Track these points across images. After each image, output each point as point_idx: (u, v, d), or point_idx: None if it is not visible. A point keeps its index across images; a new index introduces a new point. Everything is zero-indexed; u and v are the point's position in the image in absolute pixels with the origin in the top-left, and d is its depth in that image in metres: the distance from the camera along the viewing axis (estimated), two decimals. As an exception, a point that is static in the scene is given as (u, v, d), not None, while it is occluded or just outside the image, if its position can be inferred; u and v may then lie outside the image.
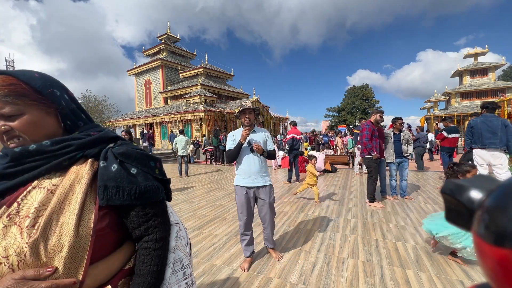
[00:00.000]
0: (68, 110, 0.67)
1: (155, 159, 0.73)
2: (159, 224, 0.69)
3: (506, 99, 16.39)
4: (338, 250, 2.66)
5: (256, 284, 2.08)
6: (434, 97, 24.26)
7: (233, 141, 2.33)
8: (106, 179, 0.61)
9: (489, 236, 0.24)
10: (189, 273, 0.78)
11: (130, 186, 0.63)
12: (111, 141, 0.71)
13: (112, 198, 0.61)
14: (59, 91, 0.66)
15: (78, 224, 0.56)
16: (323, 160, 8.03)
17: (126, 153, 0.66)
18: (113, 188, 0.61)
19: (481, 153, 3.95)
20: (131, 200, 0.63)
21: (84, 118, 0.72)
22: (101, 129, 0.72)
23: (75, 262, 0.55)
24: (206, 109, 16.67)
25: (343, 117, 44.22)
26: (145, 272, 0.64)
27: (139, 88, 25.64)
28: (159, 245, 0.67)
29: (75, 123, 0.69)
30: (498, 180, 0.30)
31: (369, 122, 4.31)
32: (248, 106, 2.27)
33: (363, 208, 4.10)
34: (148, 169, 0.69)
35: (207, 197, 5.18)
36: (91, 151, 0.65)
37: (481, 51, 22.26)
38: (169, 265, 0.71)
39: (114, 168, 0.63)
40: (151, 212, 0.67)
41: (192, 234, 3.20)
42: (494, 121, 3.83)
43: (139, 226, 0.66)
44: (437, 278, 2.09)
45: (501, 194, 0.26)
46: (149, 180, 0.68)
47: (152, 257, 0.66)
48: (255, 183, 2.28)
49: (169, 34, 24.91)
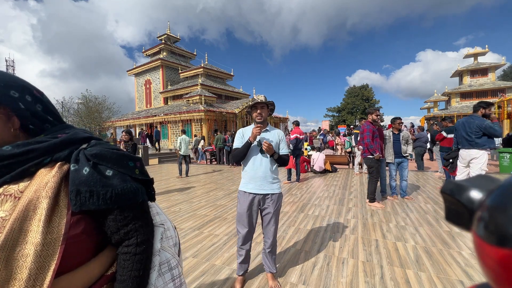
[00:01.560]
0: (28, 113, 0.61)
1: (134, 159, 0.69)
2: (140, 227, 0.65)
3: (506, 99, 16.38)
4: (338, 250, 2.66)
5: (256, 284, 2.08)
6: (434, 97, 24.27)
7: (241, 139, 2.02)
8: (78, 183, 0.58)
9: (489, 236, 0.24)
10: (177, 274, 0.76)
11: (105, 190, 0.59)
12: (83, 142, 0.66)
13: (86, 203, 0.57)
14: (18, 93, 0.60)
15: (45, 232, 0.52)
16: (323, 160, 8.03)
17: (99, 154, 0.62)
18: (86, 193, 0.57)
19: (460, 152, 4.13)
20: (107, 204, 0.59)
21: (52, 120, 0.67)
22: (70, 130, 0.67)
23: (42, 272, 0.51)
24: (206, 109, 16.68)
25: (343, 117, 44.23)
26: (126, 277, 0.62)
27: (139, 88, 25.64)
28: (140, 249, 0.64)
29: (40, 126, 0.64)
30: (498, 180, 0.30)
31: (369, 122, 4.31)
32: (260, 99, 1.96)
33: (363, 208, 4.10)
34: (126, 170, 0.65)
35: (207, 197, 5.18)
36: (60, 155, 0.61)
37: (481, 51, 22.27)
38: (154, 268, 0.69)
39: (86, 171, 0.59)
40: (131, 215, 0.64)
41: (192, 234, 3.20)
42: (471, 122, 3.96)
43: (117, 230, 0.63)
44: (437, 278, 2.09)
45: (501, 194, 0.26)
46: (127, 181, 0.64)
47: (133, 262, 0.63)
48: (260, 190, 1.95)
49: (169, 34, 24.91)
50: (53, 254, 0.53)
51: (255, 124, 2.01)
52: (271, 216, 1.99)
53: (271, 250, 2.04)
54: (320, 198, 4.81)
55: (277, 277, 2.15)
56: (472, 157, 3.91)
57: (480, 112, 3.95)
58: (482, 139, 3.84)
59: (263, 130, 2.00)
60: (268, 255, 2.05)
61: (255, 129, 1.90)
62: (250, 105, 2.01)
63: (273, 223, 2.00)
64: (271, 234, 2.01)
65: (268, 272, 2.08)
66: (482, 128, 3.81)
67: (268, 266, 2.06)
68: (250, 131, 2.00)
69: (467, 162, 4.02)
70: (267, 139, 1.98)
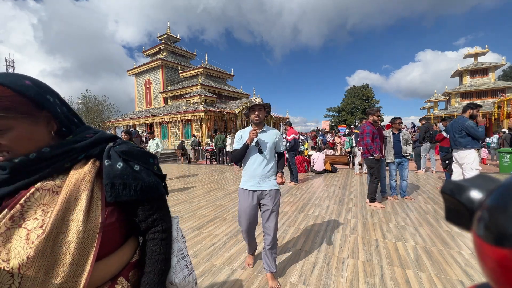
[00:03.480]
0: (62, 116, 0.66)
1: (153, 156, 0.76)
2: (163, 216, 0.74)
3: (506, 99, 16.38)
4: (338, 250, 2.66)
5: (256, 284, 2.08)
6: (434, 97, 24.26)
7: (240, 140, 2.15)
8: (112, 176, 0.64)
9: (489, 236, 0.24)
10: (189, 261, 0.83)
11: (136, 182, 0.66)
12: (109, 141, 0.72)
13: (120, 194, 0.64)
14: (52, 97, 0.64)
15: (86, 220, 0.58)
16: (323, 160, 8.03)
17: (128, 151, 0.69)
18: (120, 185, 0.64)
19: (453, 153, 4.17)
20: (137, 195, 0.66)
21: (76, 122, 0.71)
22: (95, 130, 0.73)
23: (83, 257, 0.57)
24: (206, 109, 16.68)
25: (343, 117, 44.23)
26: (155, 260, 0.70)
27: (139, 88, 25.65)
28: (165, 235, 0.72)
29: (69, 128, 0.68)
30: (498, 180, 0.30)
31: (369, 123, 4.30)
32: (258, 102, 2.07)
33: (363, 208, 4.10)
34: (148, 165, 0.72)
35: (207, 197, 5.17)
36: (92, 151, 0.67)
37: (481, 51, 22.27)
38: (174, 254, 0.77)
39: (120, 166, 0.65)
40: (156, 205, 0.72)
41: (192, 234, 3.20)
42: (456, 122, 4.02)
43: (145, 219, 0.70)
44: (437, 278, 2.09)
45: (501, 194, 0.26)
46: (151, 176, 0.71)
47: (160, 246, 0.71)
48: (260, 187, 2.07)
49: (169, 34, 24.92)
50: (92, 241, 0.58)
51: (252, 125, 2.14)
52: (270, 212, 2.06)
53: (271, 247, 2.05)
54: (320, 198, 4.81)
55: (277, 277, 2.15)
56: (461, 157, 3.96)
57: (468, 112, 4.00)
58: (466, 139, 3.90)
59: (260, 131, 2.11)
60: (268, 253, 2.06)
61: (252, 132, 2.01)
62: (248, 107, 2.11)
63: (273, 219, 2.06)
64: (271, 230, 2.05)
65: (268, 272, 2.06)
66: (464, 128, 3.87)
67: (268, 265, 2.05)
68: (248, 133, 2.10)
69: (458, 163, 4.06)
70: (264, 140, 2.10)
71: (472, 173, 3.87)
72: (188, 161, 13.01)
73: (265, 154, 2.08)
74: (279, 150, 2.21)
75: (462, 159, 3.95)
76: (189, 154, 13.20)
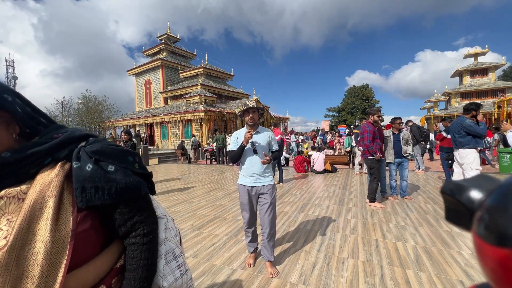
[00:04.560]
0: (25, 116, 0.61)
1: (133, 154, 0.70)
2: (145, 219, 0.68)
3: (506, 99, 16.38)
4: (338, 250, 2.66)
5: (256, 284, 2.08)
6: (434, 97, 24.26)
7: (236, 141, 2.29)
8: (82, 180, 0.59)
9: (489, 236, 0.24)
10: (182, 262, 0.80)
11: (110, 185, 0.61)
12: (81, 140, 0.66)
13: (92, 199, 0.59)
14: (11, 96, 0.59)
15: (54, 229, 0.54)
16: (323, 160, 8.03)
17: (100, 150, 0.63)
18: (92, 189, 0.59)
19: (454, 153, 4.18)
20: (113, 198, 0.61)
21: (44, 122, 0.66)
22: (65, 130, 0.68)
23: (54, 268, 0.53)
24: (206, 109, 16.68)
25: (343, 117, 44.23)
26: (136, 266, 0.65)
27: (139, 88, 25.65)
28: (147, 239, 0.67)
29: (35, 129, 0.63)
30: (498, 180, 0.30)
31: (369, 123, 4.30)
32: (252, 105, 2.20)
33: (363, 208, 4.10)
34: (126, 164, 0.67)
35: (207, 197, 5.17)
36: (60, 154, 0.61)
37: (481, 51, 22.27)
38: (161, 257, 0.73)
39: (89, 168, 0.60)
40: (135, 207, 0.67)
41: (192, 234, 3.20)
42: (457, 122, 4.02)
43: (124, 223, 0.65)
44: (437, 278, 2.09)
45: (501, 194, 0.26)
46: (129, 176, 0.66)
47: (141, 251, 0.66)
48: (257, 183, 2.24)
49: (169, 34, 24.92)
50: (63, 250, 0.54)
51: (247, 127, 2.28)
52: (269, 205, 2.22)
53: (269, 239, 2.25)
54: (320, 198, 4.81)
55: (275, 265, 2.33)
56: (461, 156, 3.96)
57: (471, 113, 3.99)
58: (466, 138, 3.89)
59: (254, 132, 2.24)
60: (267, 244, 2.25)
61: (247, 134, 2.15)
62: (242, 110, 2.25)
63: (271, 211, 2.23)
64: (268, 223, 2.22)
65: (266, 261, 2.28)
66: (463, 127, 3.87)
67: (266, 255, 2.27)
68: (243, 135, 2.24)
69: (459, 163, 4.06)
70: (258, 141, 2.26)
71: (472, 173, 3.87)
72: (188, 161, 13.01)
73: (260, 153, 2.23)
74: (273, 149, 2.38)
75: (462, 159, 3.95)
76: (189, 154, 13.20)
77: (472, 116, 3.97)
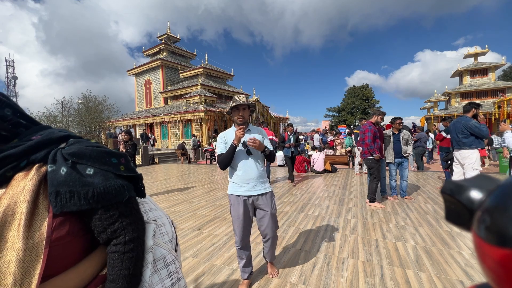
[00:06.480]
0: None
1: (117, 155, 0.66)
2: (128, 225, 0.64)
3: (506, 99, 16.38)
4: (338, 250, 2.65)
5: (256, 284, 2.08)
6: (434, 97, 24.25)
7: (224, 144, 1.95)
8: (56, 184, 0.55)
9: (489, 236, 0.24)
10: (174, 269, 0.75)
11: (86, 189, 0.57)
12: (60, 141, 0.63)
13: (67, 204, 0.55)
14: None
15: (26, 236, 0.51)
16: (323, 160, 8.03)
17: (77, 152, 0.60)
18: (66, 194, 0.55)
19: (454, 153, 4.18)
20: (90, 204, 0.57)
21: (25, 124, 0.64)
22: (44, 131, 0.65)
23: (27, 277, 0.51)
24: (206, 109, 16.67)
25: (343, 117, 44.22)
26: (116, 277, 0.61)
27: (139, 88, 25.64)
28: (129, 247, 0.63)
29: (14, 131, 0.61)
30: (498, 180, 0.30)
31: (370, 123, 4.30)
32: (242, 101, 1.91)
33: (363, 208, 4.10)
34: (108, 167, 0.63)
35: (207, 197, 5.17)
36: (36, 156, 0.58)
37: (481, 51, 22.25)
38: (148, 266, 0.68)
39: (64, 171, 0.57)
40: (117, 213, 0.62)
41: (192, 234, 3.20)
42: (459, 122, 4.01)
43: (104, 230, 0.61)
44: (437, 278, 2.09)
45: (501, 194, 0.26)
46: (110, 179, 0.61)
47: (123, 260, 0.61)
48: (255, 191, 1.93)
49: (169, 34, 24.91)
50: (37, 258, 0.52)
51: (235, 126, 1.95)
52: (269, 217, 1.96)
53: (271, 242, 2.07)
54: (320, 198, 4.81)
55: (276, 265, 2.32)
56: (463, 157, 3.96)
57: (471, 112, 4.00)
58: (470, 138, 3.90)
59: (245, 131, 1.93)
60: (268, 246, 2.09)
61: (239, 131, 1.82)
62: (231, 107, 1.94)
63: (273, 222, 2.00)
64: (269, 234, 2.01)
65: (267, 262, 2.22)
66: (468, 128, 3.87)
67: (268, 257, 2.18)
68: (233, 134, 1.93)
69: (460, 163, 4.06)
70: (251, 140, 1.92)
71: (473, 173, 3.87)
72: (188, 161, 13.02)
73: (255, 155, 1.94)
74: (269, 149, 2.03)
75: (464, 159, 3.94)
76: (189, 154, 13.20)
77: (473, 116, 3.97)
